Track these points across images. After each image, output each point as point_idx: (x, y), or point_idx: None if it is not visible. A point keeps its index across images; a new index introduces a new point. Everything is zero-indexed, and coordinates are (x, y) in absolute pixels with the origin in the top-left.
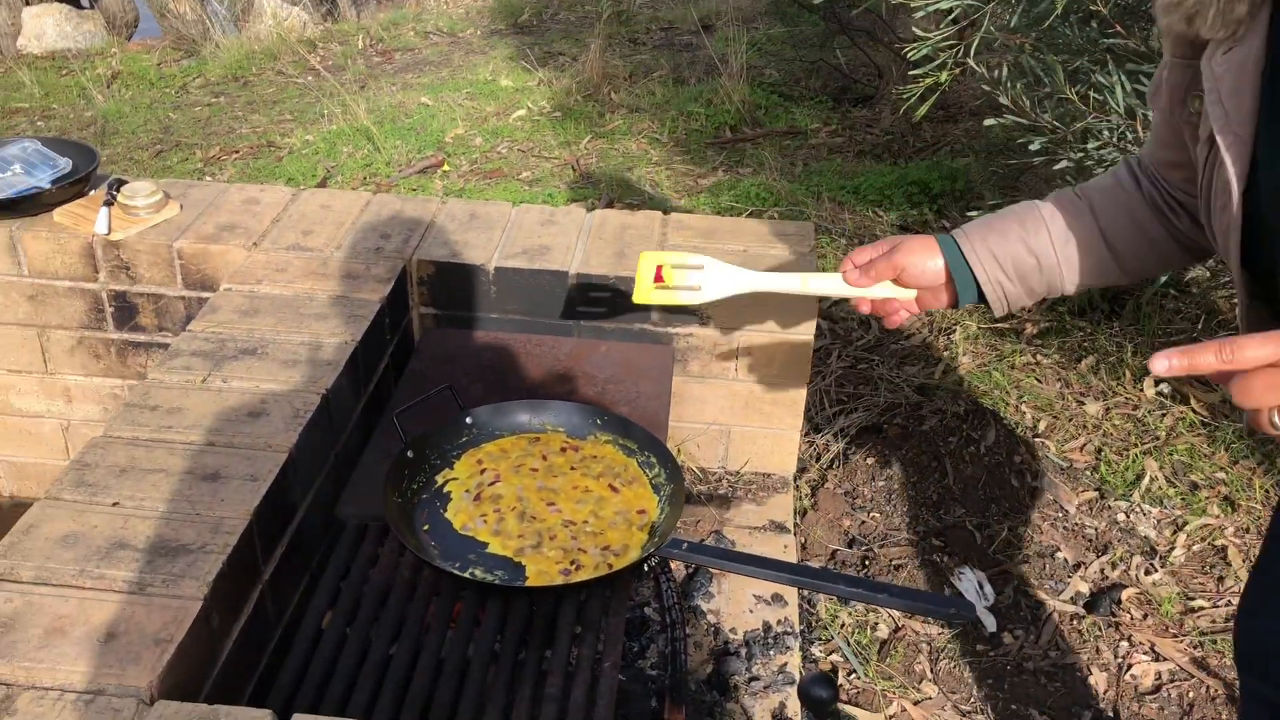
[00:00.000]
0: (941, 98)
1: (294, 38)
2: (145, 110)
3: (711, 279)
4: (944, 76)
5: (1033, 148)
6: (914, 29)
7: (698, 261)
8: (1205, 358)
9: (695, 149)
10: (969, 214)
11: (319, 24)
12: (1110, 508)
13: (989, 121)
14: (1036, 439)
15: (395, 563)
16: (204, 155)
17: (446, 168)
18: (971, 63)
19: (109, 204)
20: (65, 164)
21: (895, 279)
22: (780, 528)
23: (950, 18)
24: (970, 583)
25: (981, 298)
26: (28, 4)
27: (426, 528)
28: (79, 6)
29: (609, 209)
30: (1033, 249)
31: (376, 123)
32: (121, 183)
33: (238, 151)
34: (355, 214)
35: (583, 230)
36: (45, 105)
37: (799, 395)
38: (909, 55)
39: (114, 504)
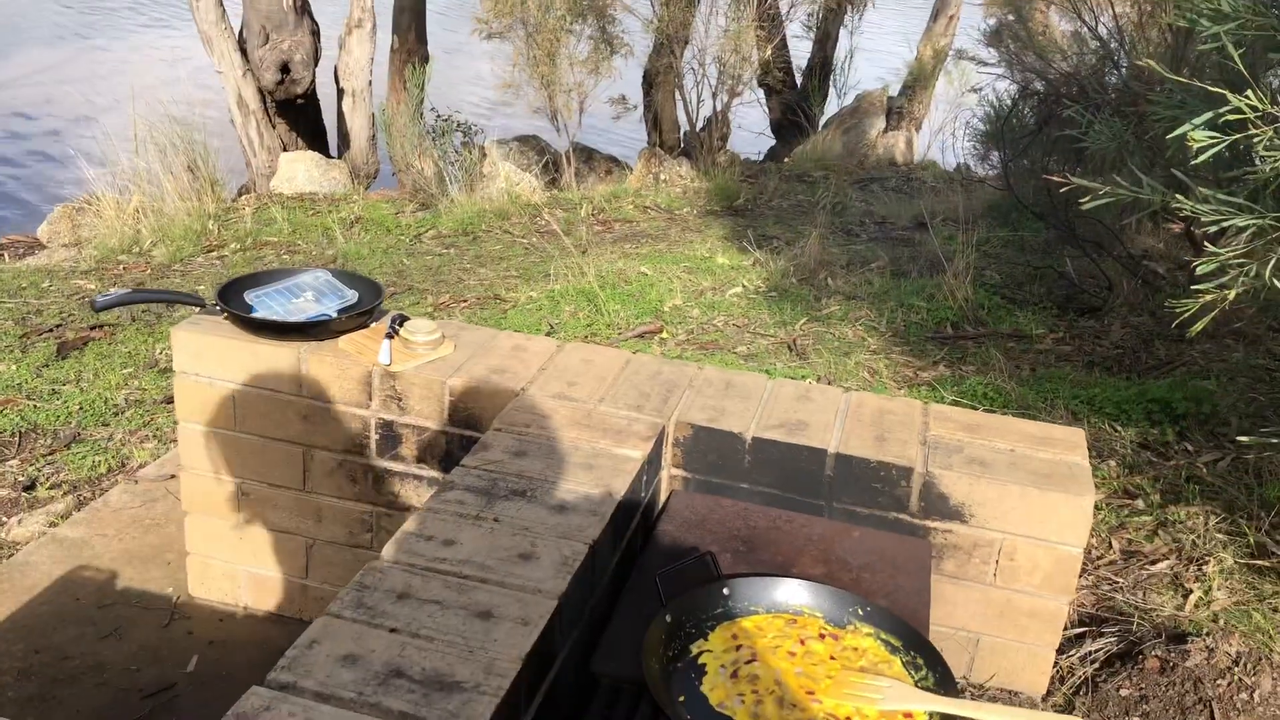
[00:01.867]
0: (1175, 316)
1: (523, 201)
2: (382, 254)
3: (894, 693)
4: (1232, 295)
5: None
6: (1145, 242)
7: (886, 684)
8: None
9: (915, 341)
10: (1216, 437)
11: (545, 190)
12: None
13: None
14: None
15: None
16: (434, 301)
17: (664, 335)
18: (1276, 281)
19: (391, 336)
20: (352, 295)
21: None
22: None
23: (1245, 234)
24: None
25: None
26: (285, 150)
27: (681, 699)
28: (328, 156)
29: (865, 393)
30: None
31: (600, 286)
32: (404, 319)
33: (465, 301)
34: (616, 370)
35: (840, 410)
36: (292, 240)
37: (1060, 610)
38: (1197, 269)
39: (391, 629)
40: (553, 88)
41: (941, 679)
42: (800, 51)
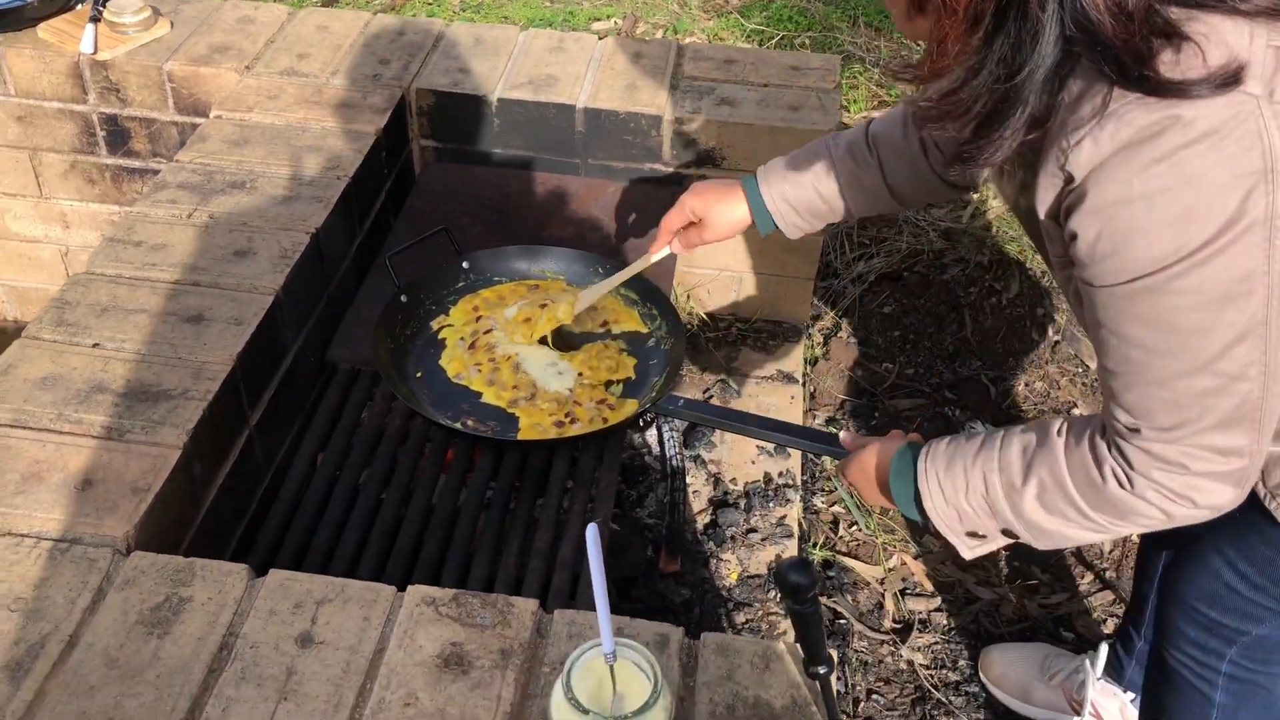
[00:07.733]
0: None
1: None
2: None
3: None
4: None
5: None
6: None
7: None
8: None
9: None
10: None
11: None
12: None
13: None
14: None
15: (387, 409)
16: None
17: None
18: None
19: (95, 20)
20: None
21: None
22: (788, 378)
23: None
24: None
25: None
26: None
27: (419, 374)
28: None
29: (623, 37)
30: (822, 194)
31: None
32: None
33: None
34: (354, 36)
35: (593, 60)
36: None
37: (815, 242)
38: None
39: (94, 345)
40: None
41: (673, 327)
42: None
